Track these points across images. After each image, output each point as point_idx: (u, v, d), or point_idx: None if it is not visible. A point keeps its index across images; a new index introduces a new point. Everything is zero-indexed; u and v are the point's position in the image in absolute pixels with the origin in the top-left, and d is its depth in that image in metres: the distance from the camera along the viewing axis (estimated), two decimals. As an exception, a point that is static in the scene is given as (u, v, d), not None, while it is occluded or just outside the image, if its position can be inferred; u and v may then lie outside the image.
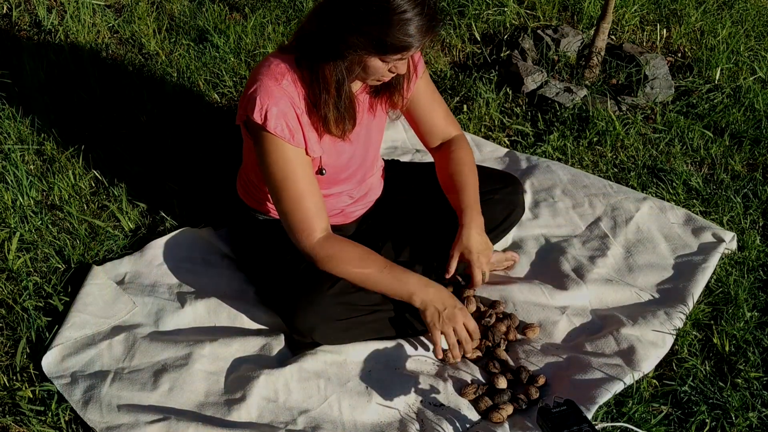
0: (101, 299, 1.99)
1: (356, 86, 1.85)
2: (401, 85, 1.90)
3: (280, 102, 1.72)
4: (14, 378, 1.81)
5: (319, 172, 1.87)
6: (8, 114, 2.62)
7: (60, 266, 2.12)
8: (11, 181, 2.35)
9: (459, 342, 1.87)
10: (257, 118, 1.72)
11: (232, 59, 3.01)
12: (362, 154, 1.96)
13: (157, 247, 2.16)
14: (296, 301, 1.81)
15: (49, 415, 1.72)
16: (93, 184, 2.42)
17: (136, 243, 2.23)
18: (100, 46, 3.08)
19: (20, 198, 2.31)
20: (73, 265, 2.12)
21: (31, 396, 1.77)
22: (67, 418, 1.72)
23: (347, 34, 1.63)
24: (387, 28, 1.59)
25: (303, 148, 1.78)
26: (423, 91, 2.01)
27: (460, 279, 2.09)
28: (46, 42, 3.07)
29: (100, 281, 2.04)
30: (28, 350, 1.88)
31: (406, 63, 1.74)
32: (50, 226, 2.24)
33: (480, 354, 1.94)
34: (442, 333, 1.85)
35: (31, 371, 1.83)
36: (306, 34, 1.73)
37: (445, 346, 1.89)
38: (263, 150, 1.77)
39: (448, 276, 1.97)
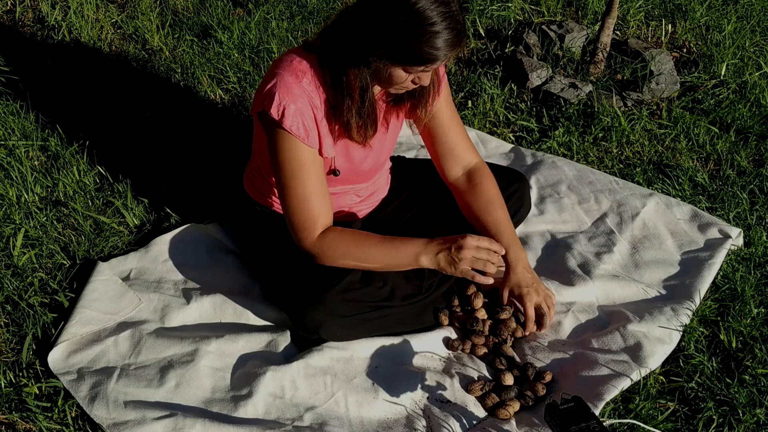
0: (107, 295, 1.99)
1: (375, 91, 1.84)
2: (425, 97, 1.87)
3: (299, 100, 1.71)
4: (20, 374, 1.81)
5: (333, 173, 1.87)
6: (12, 110, 2.62)
7: (65, 262, 2.12)
8: (16, 177, 2.35)
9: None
10: (274, 113, 1.71)
11: (236, 55, 3.00)
12: (375, 158, 1.95)
13: (162, 243, 2.16)
14: (303, 298, 1.81)
15: (56, 411, 1.72)
16: (97, 180, 2.41)
17: (141, 239, 2.22)
18: (103, 41, 3.07)
19: (25, 194, 2.31)
20: (78, 262, 2.12)
21: (38, 392, 1.76)
22: (73, 415, 1.72)
23: (372, 42, 1.60)
24: (414, 40, 1.56)
25: (317, 149, 1.77)
26: (444, 108, 1.97)
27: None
28: (50, 38, 3.07)
29: (105, 277, 2.03)
30: (34, 346, 1.88)
31: (430, 75, 1.71)
32: (55, 223, 2.24)
33: (487, 350, 1.94)
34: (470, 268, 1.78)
35: (38, 367, 1.82)
36: (332, 35, 1.71)
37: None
38: (276, 147, 1.76)
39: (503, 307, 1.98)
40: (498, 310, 2.00)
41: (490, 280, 1.81)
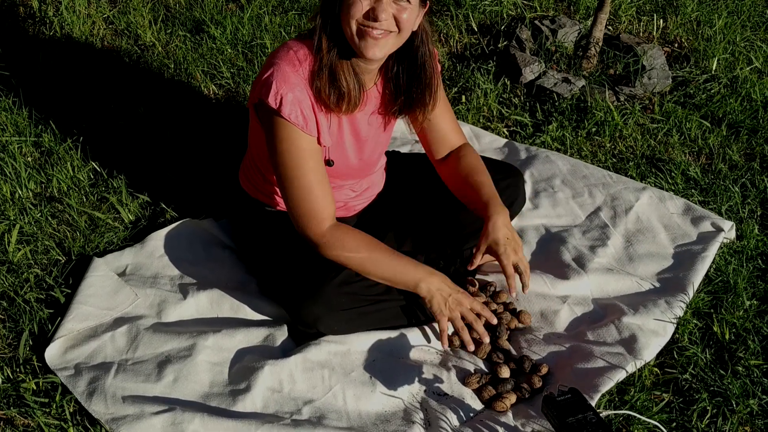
0: (103, 291, 1.98)
1: (370, 82, 1.85)
2: (426, 105, 1.89)
3: (296, 88, 1.71)
4: (18, 370, 1.81)
5: (327, 163, 1.87)
6: (5, 106, 2.61)
7: (60, 258, 2.12)
8: (9, 173, 2.34)
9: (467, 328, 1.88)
10: (272, 102, 1.70)
11: (229, 50, 3.00)
12: (369, 154, 1.97)
13: (158, 238, 2.16)
14: (300, 292, 1.81)
15: (54, 406, 1.72)
16: (92, 176, 2.41)
17: (136, 235, 2.22)
18: (95, 37, 3.06)
19: (19, 190, 2.30)
20: (73, 257, 2.12)
21: (35, 388, 1.76)
22: (71, 410, 1.72)
23: None
24: None
25: (315, 137, 1.77)
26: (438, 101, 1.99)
27: (476, 285, 2.05)
28: (41, 33, 3.05)
29: (101, 273, 2.03)
30: (30, 342, 1.87)
31: (384, 6, 1.65)
32: (50, 218, 2.23)
33: (489, 349, 1.93)
34: (449, 320, 1.85)
35: (35, 363, 1.82)
36: (315, 14, 1.74)
37: (452, 332, 1.92)
38: (275, 136, 1.76)
39: (471, 267, 1.95)
40: (497, 305, 2.01)
41: (446, 345, 1.89)
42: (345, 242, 1.81)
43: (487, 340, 1.89)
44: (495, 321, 1.90)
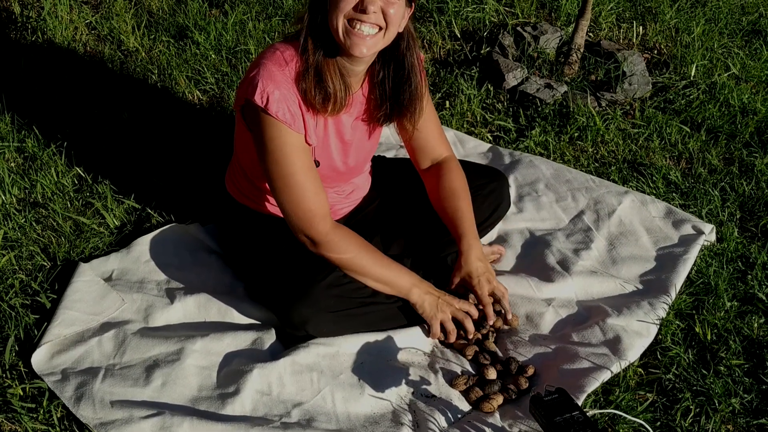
0: (89, 296, 1.98)
1: (356, 85, 1.86)
2: (414, 113, 1.92)
3: (282, 87, 1.72)
4: (4, 376, 1.79)
5: (315, 163, 1.88)
6: (-13, 111, 2.59)
7: (46, 264, 2.11)
8: (-7, 178, 2.33)
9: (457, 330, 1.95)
10: (258, 101, 1.70)
11: (213, 56, 3.00)
12: (354, 161, 1.98)
13: (144, 243, 2.15)
14: (289, 294, 1.82)
15: (41, 412, 1.71)
16: (76, 182, 2.40)
17: (122, 240, 2.21)
18: (78, 42, 3.05)
19: (2, 195, 2.29)
20: (59, 263, 2.11)
21: (22, 393, 1.75)
22: (59, 415, 1.71)
23: None
24: None
25: (303, 135, 1.78)
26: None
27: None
28: (23, 38, 3.04)
29: (87, 278, 2.02)
30: (16, 348, 1.86)
31: None
32: (34, 224, 2.22)
33: (477, 349, 1.96)
34: (441, 322, 1.91)
35: (21, 369, 1.81)
36: (300, 18, 1.76)
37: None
38: (264, 135, 1.76)
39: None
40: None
41: (434, 338, 1.95)
42: (346, 244, 1.84)
43: (472, 338, 1.93)
44: (478, 315, 1.97)
